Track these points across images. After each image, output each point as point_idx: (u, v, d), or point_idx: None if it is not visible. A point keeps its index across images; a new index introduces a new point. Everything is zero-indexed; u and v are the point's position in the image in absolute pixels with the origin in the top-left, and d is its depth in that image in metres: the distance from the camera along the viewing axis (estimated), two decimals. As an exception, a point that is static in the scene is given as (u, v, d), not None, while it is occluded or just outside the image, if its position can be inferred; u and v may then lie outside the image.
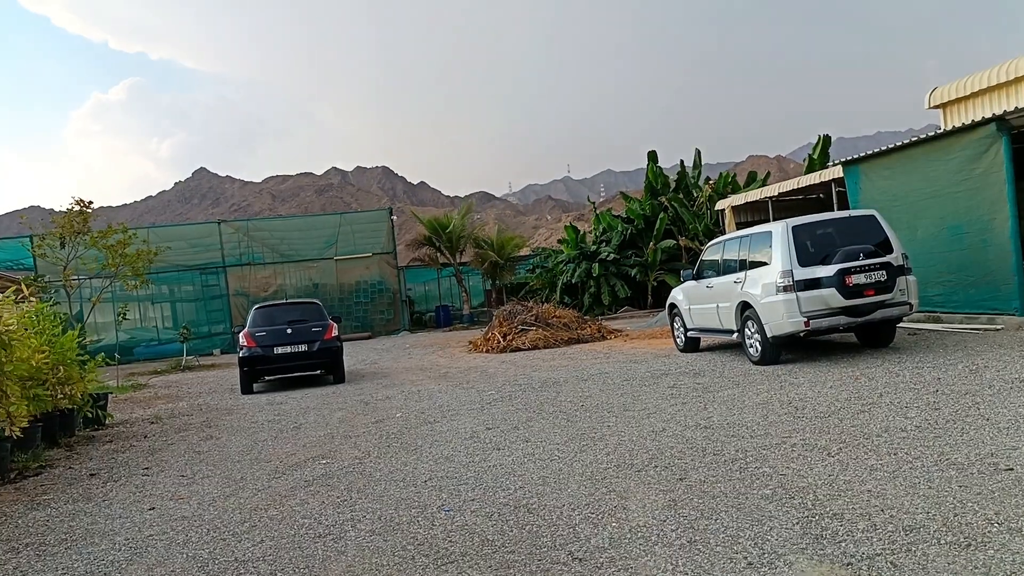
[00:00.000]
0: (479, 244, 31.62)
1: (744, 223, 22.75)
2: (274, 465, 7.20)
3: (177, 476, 7.11)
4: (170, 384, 16.85)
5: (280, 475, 6.75)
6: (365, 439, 8.10)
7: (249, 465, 7.31)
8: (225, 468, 7.28)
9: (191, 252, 27.97)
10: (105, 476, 7.34)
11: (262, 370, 13.46)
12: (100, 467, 7.79)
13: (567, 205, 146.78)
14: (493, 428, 7.97)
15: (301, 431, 9.02)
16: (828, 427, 6.53)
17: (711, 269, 12.46)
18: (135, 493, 6.58)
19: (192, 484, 6.75)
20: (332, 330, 13.66)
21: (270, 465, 7.22)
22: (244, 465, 7.34)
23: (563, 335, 17.53)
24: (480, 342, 18.30)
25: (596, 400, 9.15)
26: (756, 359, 10.74)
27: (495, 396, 10.29)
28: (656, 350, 14.29)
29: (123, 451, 8.68)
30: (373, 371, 15.82)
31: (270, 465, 7.22)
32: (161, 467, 7.60)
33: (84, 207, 11.22)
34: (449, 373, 13.91)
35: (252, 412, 11.10)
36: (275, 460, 7.45)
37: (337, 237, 29.18)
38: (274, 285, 28.03)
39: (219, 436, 9.20)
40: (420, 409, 9.81)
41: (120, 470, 7.56)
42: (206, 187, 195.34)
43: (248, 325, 13.71)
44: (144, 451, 8.55)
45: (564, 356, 14.95)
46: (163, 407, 12.66)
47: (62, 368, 9.21)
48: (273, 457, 7.60)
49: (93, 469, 7.71)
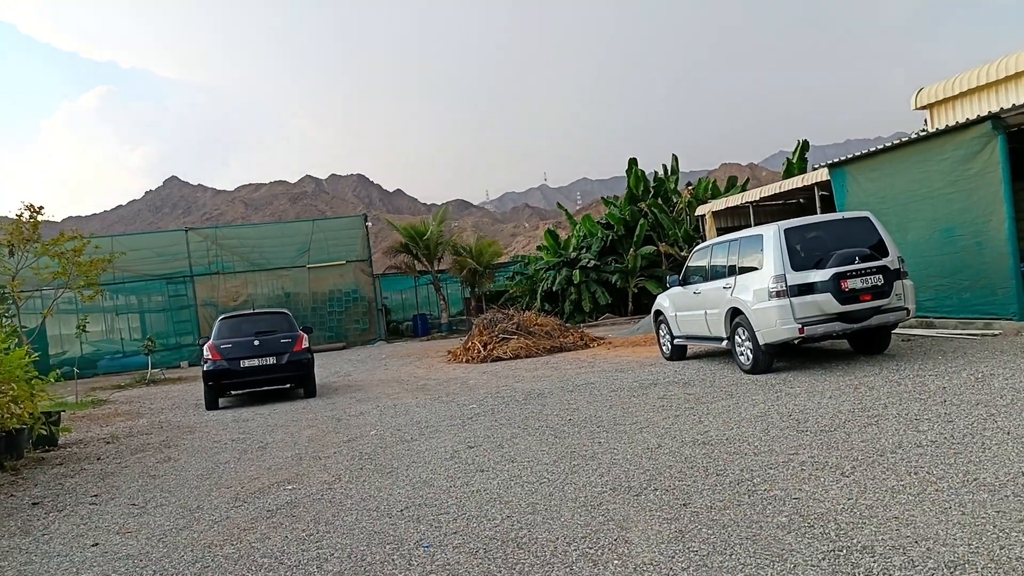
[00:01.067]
0: (457, 251, 31.04)
1: (724, 228, 22.39)
2: (235, 491, 6.58)
3: (127, 505, 6.47)
4: (132, 399, 16.07)
5: (241, 503, 6.13)
6: (336, 460, 7.49)
7: (207, 491, 6.69)
8: (181, 495, 6.65)
9: (158, 261, 27.09)
10: (49, 505, 6.67)
11: (228, 385, 12.76)
12: (45, 494, 7.12)
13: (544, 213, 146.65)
14: (475, 447, 7.41)
15: (267, 451, 8.39)
16: (835, 442, 6.05)
17: (698, 274, 11.99)
18: (79, 526, 5.94)
19: (143, 514, 6.11)
20: (302, 341, 13.00)
21: (230, 491, 6.60)
22: (202, 491, 6.71)
23: (545, 343, 17.00)
24: (459, 352, 17.72)
25: (584, 413, 8.61)
26: (747, 368, 10.28)
27: (477, 410, 9.72)
28: (641, 358, 13.80)
29: (73, 475, 8.00)
30: (347, 384, 15.17)
31: (230, 491, 6.60)
32: (112, 494, 6.95)
33: (34, 213, 10.50)
34: (427, 385, 13.31)
35: (215, 430, 10.43)
36: (236, 485, 6.82)
37: (310, 244, 28.42)
38: (244, 295, 27.21)
39: (178, 457, 8.54)
40: (396, 426, 9.21)
41: (66, 498, 6.90)
42: (177, 196, 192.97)
43: (213, 336, 13.00)
44: (95, 475, 7.87)
45: (547, 365, 14.42)
46: (121, 425, 11.94)
47: (14, 386, 8.50)
48: (234, 482, 6.97)
49: (37, 497, 7.03)
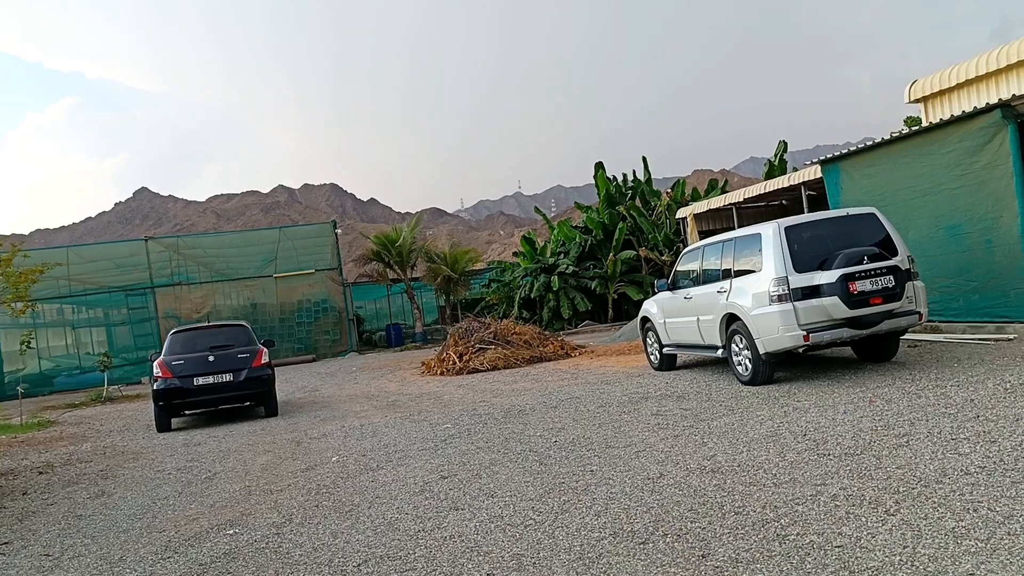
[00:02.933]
0: (431, 258, 30.05)
1: (706, 232, 21.68)
2: (167, 536, 5.61)
3: (40, 556, 5.47)
4: (82, 420, 14.93)
5: (171, 553, 5.17)
6: (289, 495, 6.54)
7: (137, 536, 5.71)
8: (105, 541, 5.66)
9: (117, 272, 25.82)
10: (-56, 559, 5.65)
11: (180, 404, 11.70)
12: (-55, 544, 6.09)
13: (519, 220, 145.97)
14: (449, 477, 6.49)
15: (213, 483, 7.41)
16: (867, 470, 5.21)
17: (689, 278, 11.18)
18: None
19: (55, 569, 5.13)
20: (262, 356, 11.98)
21: (163, 536, 5.63)
22: (131, 536, 5.73)
23: (524, 353, 16.11)
24: (434, 363, 16.76)
25: (571, 434, 7.73)
26: (746, 379, 9.46)
27: (451, 431, 8.80)
28: (628, 368, 12.95)
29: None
30: (312, 400, 14.16)
31: (163, 536, 5.63)
32: (26, 540, 5.94)
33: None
34: (398, 402, 12.35)
35: (162, 457, 9.40)
36: (171, 528, 5.85)
37: (277, 253, 27.26)
38: (208, 306, 26.01)
39: (113, 491, 7.53)
40: (361, 450, 8.26)
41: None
42: (148, 207, 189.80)
43: (164, 352, 11.95)
44: (15, 515, 6.84)
45: (527, 377, 13.52)
46: (62, 451, 10.85)
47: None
48: (169, 523, 6.00)
49: (-66, 547, 6.00)
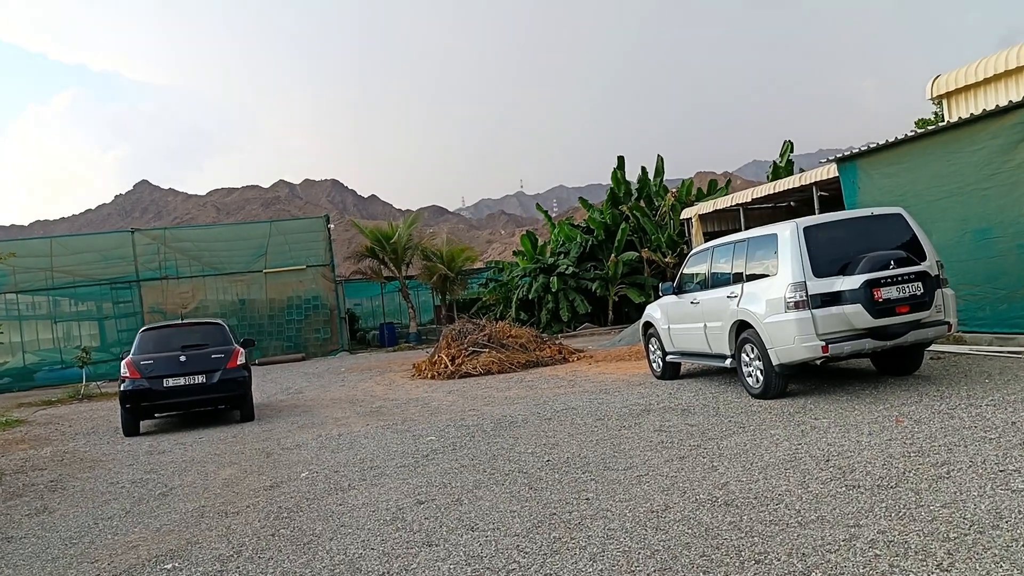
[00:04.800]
0: (427, 256, 29.27)
1: (711, 233, 20.92)
2: (98, 569, 4.86)
3: (-55, 592, 4.72)
4: (53, 419, 14.17)
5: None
6: (245, 518, 5.78)
7: (64, 568, 4.96)
8: (28, 572, 4.90)
9: (102, 265, 25.04)
10: None
11: (148, 407, 10.94)
12: None
13: (521, 220, 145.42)
14: (427, 502, 5.72)
15: (166, 501, 6.65)
16: (905, 507, 4.46)
17: (696, 281, 10.42)
18: None
19: (-43, 610, 4.38)
20: (237, 357, 11.21)
21: (92, 568, 4.88)
22: (58, 567, 4.99)
23: (520, 357, 15.35)
24: (425, 366, 16.00)
25: (566, 451, 6.97)
26: (757, 392, 8.70)
27: (435, 444, 8.03)
28: (628, 376, 12.20)
29: (-94, 537, 6.21)
30: (293, 404, 13.41)
31: (92, 568, 4.88)
32: (-61, 569, 5.18)
33: None
34: (383, 408, 11.59)
35: (120, 466, 8.64)
36: (105, 558, 5.09)
37: (267, 247, 26.44)
38: (195, 301, 25.24)
39: (56, 507, 6.77)
40: (335, 465, 7.50)
41: None
42: (148, 200, 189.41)
43: (133, 351, 11.19)
44: (-64, 537, 6.08)
45: (522, 383, 12.76)
46: (19, 456, 10.09)
47: None
48: (105, 552, 5.24)
49: None
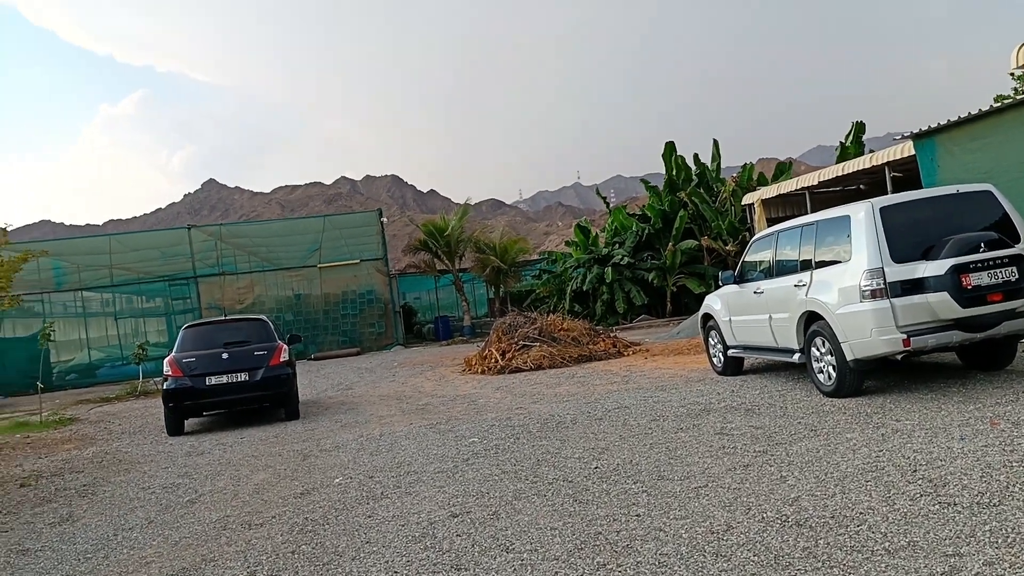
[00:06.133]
0: (480, 248, 28.83)
1: (775, 219, 19.90)
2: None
3: (-56, 613, 4.41)
4: (105, 417, 14.17)
5: (90, 622, 4.03)
6: (268, 531, 5.36)
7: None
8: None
9: (160, 261, 25.32)
10: None
11: (191, 406, 10.72)
12: None
13: (578, 211, 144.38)
14: (461, 515, 5.22)
15: (192, 510, 6.30)
16: (1016, 530, 3.76)
17: (760, 270, 9.68)
18: None
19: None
20: (280, 353, 10.91)
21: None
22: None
23: (572, 352, 14.77)
24: (475, 361, 15.55)
25: (616, 457, 6.39)
26: (829, 389, 7.96)
27: (477, 447, 7.53)
28: (686, 371, 11.51)
29: (-74, 546, 5.98)
30: (341, 400, 13.09)
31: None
32: (-51, 585, 4.90)
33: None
34: (429, 405, 11.16)
35: (156, 469, 8.38)
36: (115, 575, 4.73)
37: (321, 242, 26.39)
38: (251, 296, 25.32)
39: (81, 516, 6.49)
40: (371, 470, 7.06)
41: None
42: (215, 198, 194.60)
43: (175, 349, 10.99)
44: (-44, 546, 5.83)
45: (573, 379, 12.19)
46: (62, 456, 9.97)
47: None
48: (115, 569, 4.88)
49: None
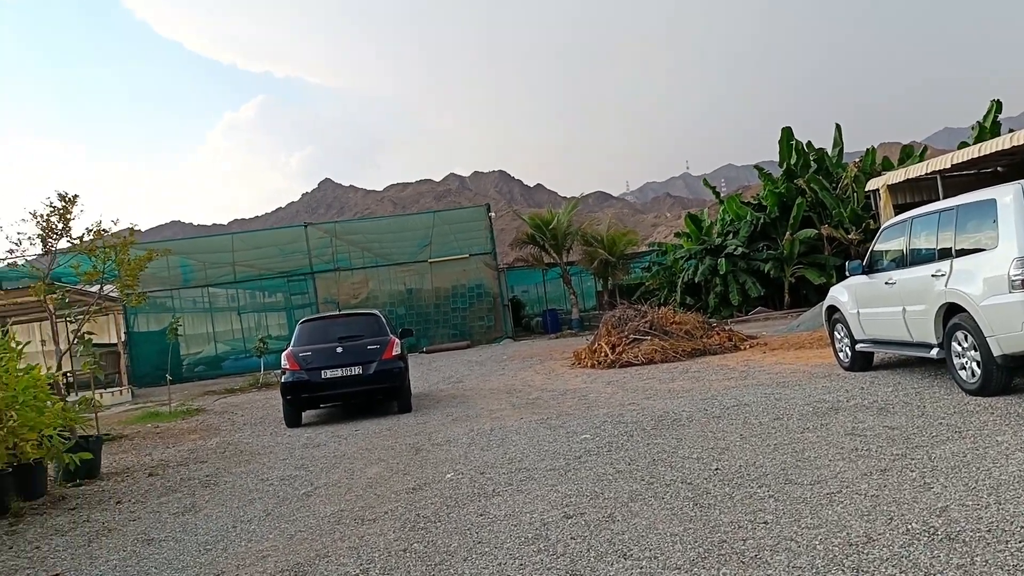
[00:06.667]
0: (588, 241, 28.51)
1: (902, 206, 18.68)
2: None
3: (77, 598, 4.58)
4: (229, 408, 14.79)
5: (210, 615, 4.07)
6: (381, 527, 5.33)
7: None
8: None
9: (279, 258, 26.33)
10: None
11: (308, 399, 11.01)
12: (3, 569, 5.37)
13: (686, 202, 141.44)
14: (575, 517, 5.02)
15: (308, 503, 6.37)
16: None
17: (891, 259, 9.02)
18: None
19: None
20: (392, 348, 11.04)
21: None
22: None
23: (685, 345, 14.31)
24: (584, 355, 15.33)
25: (736, 458, 6.04)
26: (972, 387, 7.30)
27: (590, 444, 7.32)
28: (809, 366, 10.91)
29: (65, 531, 6.29)
30: (452, 394, 13.15)
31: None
32: (78, 573, 5.10)
33: (67, 203, 9.06)
34: (540, 399, 11.03)
35: (275, 461, 8.60)
36: (231, 570, 4.80)
37: (432, 237, 26.79)
38: (365, 291, 25.96)
39: (203, 506, 6.69)
40: (482, 465, 6.97)
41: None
42: (331, 197, 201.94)
43: (292, 343, 11.30)
44: (89, 533, 6.10)
45: (687, 374, 11.78)
46: (188, 446, 10.42)
47: (14, 414, 6.96)
48: (233, 563, 4.95)
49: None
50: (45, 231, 8.95)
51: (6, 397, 6.96)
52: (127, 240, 9.77)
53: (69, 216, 9.02)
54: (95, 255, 9.36)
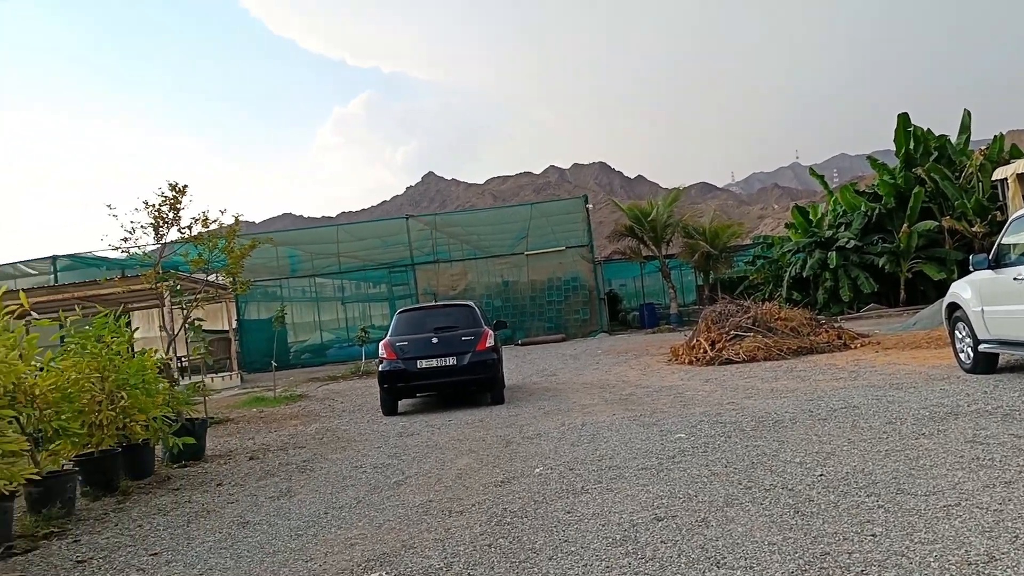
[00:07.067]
0: (689, 233, 27.81)
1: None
2: (308, 571, 4.59)
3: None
4: (330, 395, 15.18)
5: (295, 601, 4.10)
6: (467, 520, 5.27)
7: (279, 566, 4.75)
8: (246, 568, 4.78)
9: (381, 250, 26.90)
10: (91, 568, 5.09)
11: (404, 388, 11.16)
12: (109, 544, 5.60)
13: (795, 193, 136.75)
14: (666, 519, 4.81)
15: (398, 492, 6.39)
16: None
17: (1020, 252, 8.32)
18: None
19: (176, 600, 4.30)
20: (486, 339, 11.03)
21: (303, 569, 4.62)
22: (274, 564, 4.80)
23: (790, 343, 13.72)
24: (682, 351, 14.93)
25: (844, 464, 5.66)
26: (1115, 394, 6.62)
27: (684, 444, 7.06)
28: (926, 367, 10.23)
29: (166, 511, 6.53)
30: (545, 387, 13.05)
31: (303, 569, 4.62)
32: (176, 552, 5.26)
33: (177, 193, 9.42)
34: (633, 396, 10.78)
35: (369, 448, 8.72)
36: (320, 557, 4.83)
37: (528, 230, 26.75)
38: (463, 283, 26.20)
39: (298, 492, 6.82)
40: (571, 461, 6.82)
41: (121, 556, 5.30)
42: (434, 190, 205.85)
43: (390, 332, 11.47)
44: (188, 516, 6.30)
45: (791, 374, 11.27)
46: (288, 431, 10.72)
47: (124, 395, 7.29)
48: (322, 549, 4.99)
49: (94, 550, 5.51)
50: (157, 220, 9.38)
51: (117, 379, 7.29)
52: (231, 229, 10.13)
53: (179, 205, 9.42)
54: (201, 244, 9.73)
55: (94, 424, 7.06)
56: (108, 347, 7.35)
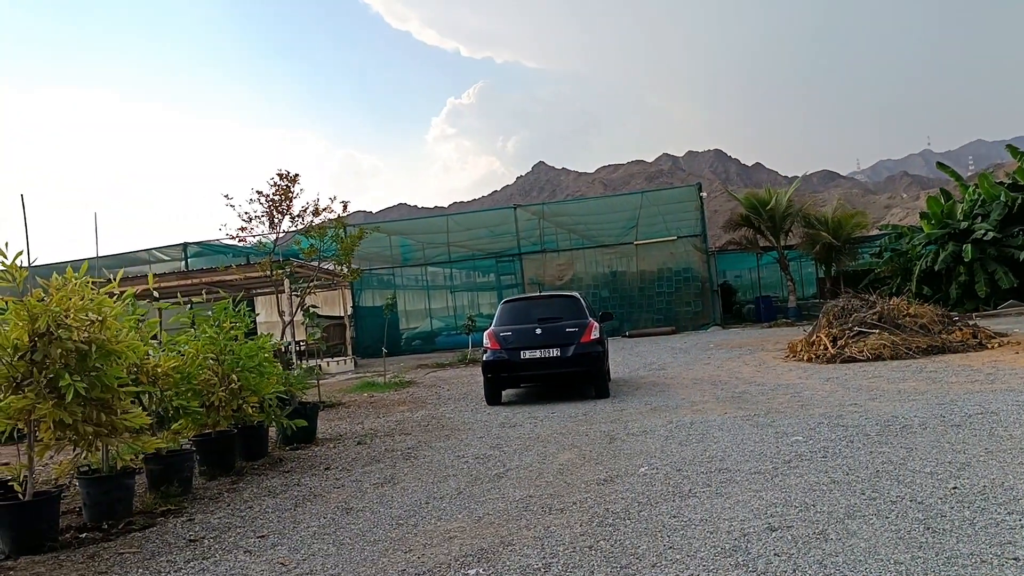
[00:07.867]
0: (810, 223, 26.56)
1: None
2: (407, 562, 4.56)
3: (276, 563, 4.78)
4: (437, 382, 15.35)
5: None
6: (567, 519, 5.12)
7: (378, 556, 4.75)
8: (346, 556, 4.80)
9: (488, 239, 27.04)
10: (203, 547, 5.25)
11: (507, 378, 11.12)
12: (221, 525, 5.77)
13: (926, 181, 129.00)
14: (780, 529, 4.51)
15: (498, 485, 6.32)
16: None
17: None
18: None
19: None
20: (591, 331, 10.82)
21: (403, 560, 4.60)
22: (374, 552, 4.81)
23: (919, 341, 12.84)
24: (801, 347, 14.24)
25: (981, 475, 5.18)
26: None
27: (802, 448, 6.66)
28: (1076, 373, 9.32)
29: (278, 493, 6.69)
30: (652, 381, 12.72)
31: (403, 560, 4.60)
32: (282, 535, 5.36)
33: (288, 181, 9.65)
34: (746, 394, 10.33)
35: (472, 438, 8.70)
36: (419, 548, 4.81)
37: (638, 219, 26.21)
38: (570, 273, 25.98)
39: (401, 479, 6.85)
40: (679, 462, 6.55)
41: (231, 536, 5.44)
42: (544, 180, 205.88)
43: (494, 322, 11.43)
44: (296, 499, 6.43)
45: (921, 374, 10.53)
46: (395, 417, 10.87)
47: (234, 377, 7.55)
48: (421, 540, 4.96)
49: (206, 529, 5.69)
50: (270, 209, 9.67)
51: (231, 361, 7.54)
52: (340, 220, 10.33)
53: (291, 194, 9.68)
54: (312, 234, 9.98)
55: (210, 405, 7.33)
56: (225, 331, 7.61)
